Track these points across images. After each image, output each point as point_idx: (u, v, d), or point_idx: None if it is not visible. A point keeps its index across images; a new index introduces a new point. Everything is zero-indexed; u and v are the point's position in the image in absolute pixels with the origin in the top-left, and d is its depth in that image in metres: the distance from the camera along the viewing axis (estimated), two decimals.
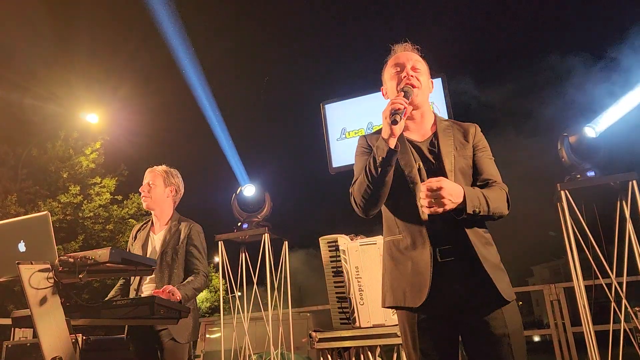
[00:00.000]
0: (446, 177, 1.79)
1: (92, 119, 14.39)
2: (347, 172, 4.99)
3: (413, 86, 1.90)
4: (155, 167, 3.21)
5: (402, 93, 1.81)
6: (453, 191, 1.66)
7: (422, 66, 2.00)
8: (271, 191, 5.33)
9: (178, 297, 2.67)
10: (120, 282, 3.19)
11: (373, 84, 5.07)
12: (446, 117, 4.81)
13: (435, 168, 1.86)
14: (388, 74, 2.03)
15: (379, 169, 1.76)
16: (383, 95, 2.09)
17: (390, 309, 3.15)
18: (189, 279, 2.95)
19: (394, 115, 1.70)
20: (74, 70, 15.47)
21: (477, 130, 1.98)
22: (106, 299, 3.01)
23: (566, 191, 4.10)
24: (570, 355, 4.98)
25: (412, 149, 1.91)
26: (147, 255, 3.04)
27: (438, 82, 5.11)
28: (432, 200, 1.64)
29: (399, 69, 1.97)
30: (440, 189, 1.63)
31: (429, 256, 1.75)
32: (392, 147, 1.73)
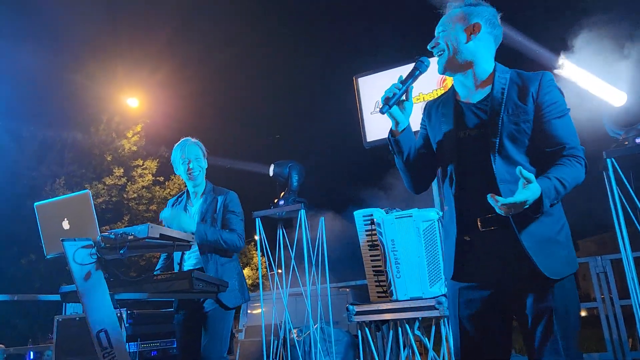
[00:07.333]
0: (490, 145, 1.66)
1: (133, 102, 14.74)
2: (382, 147, 4.91)
3: (434, 51, 1.79)
4: (190, 139, 3.14)
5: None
6: (529, 200, 1.47)
7: (464, 20, 1.75)
8: (305, 166, 5.27)
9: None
10: (164, 255, 3.25)
11: (407, 55, 4.96)
12: None
13: (479, 135, 1.71)
14: None
15: (395, 156, 1.82)
16: None
17: (428, 283, 3.15)
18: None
19: (383, 105, 1.70)
20: (114, 55, 15.81)
21: (542, 83, 1.68)
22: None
23: (613, 159, 3.92)
24: (619, 329, 4.82)
25: (462, 113, 1.77)
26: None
27: None
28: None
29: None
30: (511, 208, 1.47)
31: (455, 229, 1.73)
32: (395, 136, 1.77)
